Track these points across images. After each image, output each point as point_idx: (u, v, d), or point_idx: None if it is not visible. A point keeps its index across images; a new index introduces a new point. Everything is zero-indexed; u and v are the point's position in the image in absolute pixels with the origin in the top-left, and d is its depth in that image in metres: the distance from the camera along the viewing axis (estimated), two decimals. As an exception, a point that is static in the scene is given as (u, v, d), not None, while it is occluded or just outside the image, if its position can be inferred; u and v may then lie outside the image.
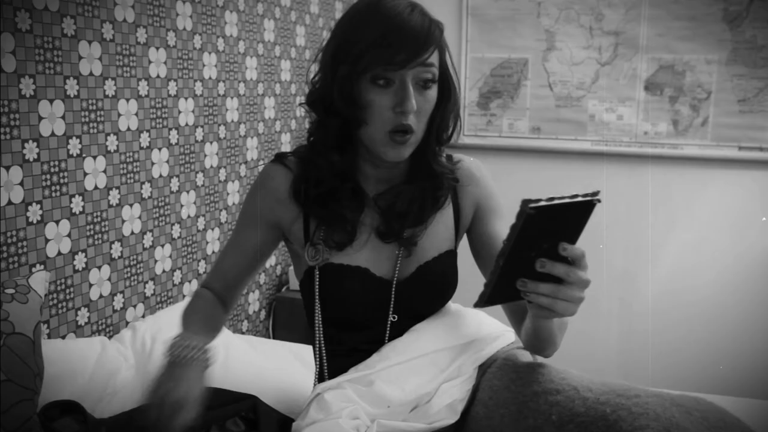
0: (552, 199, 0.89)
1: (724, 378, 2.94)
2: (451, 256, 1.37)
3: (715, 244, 2.98)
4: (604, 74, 3.06)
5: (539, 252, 0.94)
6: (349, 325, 1.33)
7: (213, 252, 2.33)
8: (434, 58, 1.21)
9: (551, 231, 0.93)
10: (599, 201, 0.93)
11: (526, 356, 1.36)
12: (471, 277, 1.42)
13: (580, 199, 0.92)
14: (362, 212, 1.31)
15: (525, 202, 0.88)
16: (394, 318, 1.32)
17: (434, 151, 1.31)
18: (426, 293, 1.35)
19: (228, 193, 2.40)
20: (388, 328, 1.33)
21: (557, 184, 3.17)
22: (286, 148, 2.78)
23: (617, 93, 3.05)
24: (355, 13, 1.25)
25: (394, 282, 1.31)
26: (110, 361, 1.68)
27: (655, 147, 3.03)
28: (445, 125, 1.29)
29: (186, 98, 2.13)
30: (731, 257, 2.96)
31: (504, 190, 3.40)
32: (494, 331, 1.40)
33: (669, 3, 2.94)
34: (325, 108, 1.26)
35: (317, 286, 1.31)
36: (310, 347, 1.45)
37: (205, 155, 2.25)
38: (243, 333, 2.54)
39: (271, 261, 2.73)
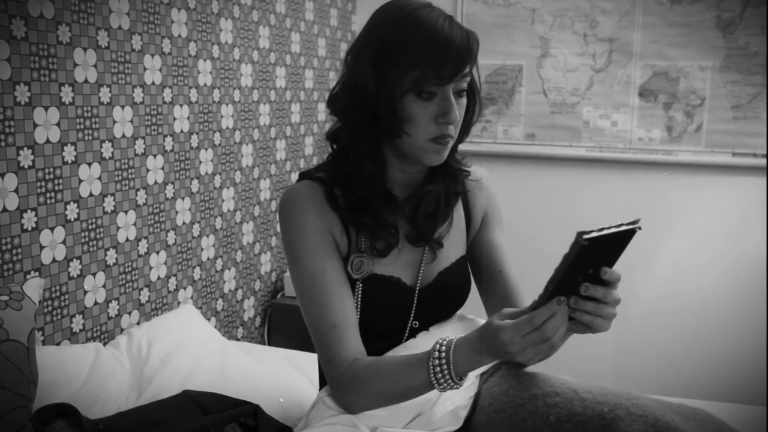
0: (602, 229, 0.97)
1: (720, 384, 2.94)
2: (464, 261, 1.42)
3: (709, 249, 2.99)
4: (599, 81, 3.07)
5: (584, 277, 1.04)
6: (372, 333, 1.31)
7: (208, 258, 2.33)
8: (471, 71, 1.26)
9: (596, 257, 1.02)
10: (640, 228, 1.04)
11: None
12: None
13: (625, 227, 1.01)
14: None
15: (579, 234, 0.96)
16: (415, 325, 1.35)
17: (455, 152, 1.36)
18: (445, 299, 1.39)
19: (223, 200, 2.40)
20: (406, 335, 1.35)
21: (552, 191, 3.18)
22: (282, 155, 2.78)
23: (611, 99, 3.06)
24: (392, 22, 1.23)
25: (417, 289, 1.34)
26: (105, 366, 1.68)
27: (649, 153, 3.04)
28: (469, 128, 1.34)
29: (181, 105, 2.13)
30: (726, 263, 2.97)
31: (499, 196, 3.40)
32: None
33: (663, 10, 2.95)
34: (362, 117, 1.24)
35: (360, 298, 1.30)
36: (306, 353, 1.46)
37: (200, 162, 2.25)
38: (238, 339, 2.54)
39: (266, 267, 2.73)
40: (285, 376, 1.81)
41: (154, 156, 2.03)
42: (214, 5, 2.28)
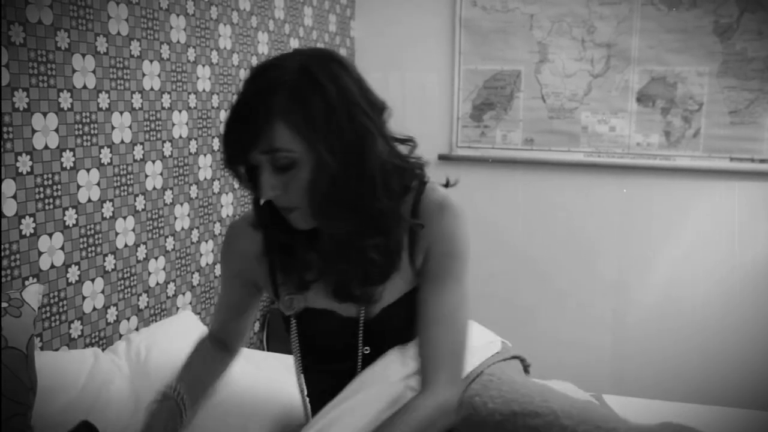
0: None
1: (718, 388, 2.94)
2: (412, 296, 1.29)
3: (707, 254, 2.99)
4: (597, 86, 3.07)
5: None
6: (324, 360, 1.36)
7: (207, 264, 2.33)
8: (281, 141, 1.11)
9: None
10: None
11: (513, 369, 1.36)
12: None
13: None
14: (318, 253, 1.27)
15: None
16: (366, 351, 1.31)
17: (372, 208, 1.19)
18: (394, 331, 1.31)
19: (222, 205, 2.40)
20: (359, 361, 1.32)
21: (550, 196, 3.18)
22: None
23: (610, 104, 3.07)
24: None
25: (361, 322, 1.29)
26: (104, 371, 1.67)
27: (647, 158, 3.04)
28: (316, 193, 1.15)
29: (180, 111, 2.13)
30: (724, 267, 2.97)
31: (497, 201, 3.40)
32: (475, 342, 1.36)
33: (660, 15, 2.96)
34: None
35: (296, 333, 1.34)
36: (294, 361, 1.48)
37: (199, 167, 2.26)
38: (237, 345, 2.53)
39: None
40: (284, 382, 1.80)
41: (153, 162, 2.03)
42: (213, 11, 2.29)
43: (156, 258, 2.08)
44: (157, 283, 2.09)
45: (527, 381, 1.30)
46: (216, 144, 2.33)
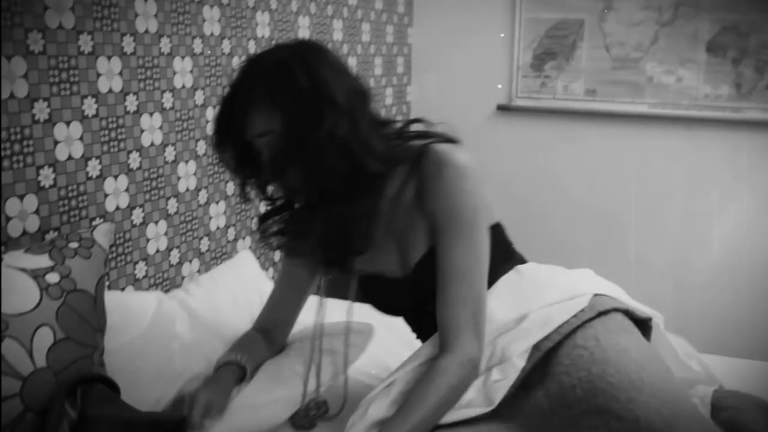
0: None
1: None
2: (432, 256, 1.32)
3: (775, 211, 2.90)
4: (664, 35, 2.97)
5: None
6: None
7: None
8: (262, 126, 1.27)
9: None
10: None
11: (611, 328, 1.25)
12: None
13: None
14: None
15: None
16: (430, 308, 1.35)
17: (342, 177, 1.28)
18: (429, 286, 1.33)
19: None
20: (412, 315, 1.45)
21: (612, 149, 3.11)
22: None
23: (677, 55, 2.96)
24: None
25: (403, 277, 1.39)
26: (165, 314, 1.70)
27: (715, 110, 2.94)
28: (294, 154, 1.27)
29: (214, 107, 2.08)
30: (792, 225, 2.88)
31: (557, 154, 3.34)
32: (555, 295, 1.32)
33: (735, -40, 2.83)
34: None
35: (359, 296, 1.50)
36: (361, 305, 1.50)
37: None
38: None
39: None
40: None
41: (213, 107, 2.04)
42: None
43: (217, 202, 2.11)
44: (218, 227, 2.13)
45: (622, 358, 1.18)
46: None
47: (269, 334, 1.54)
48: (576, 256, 3.14)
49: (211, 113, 2.04)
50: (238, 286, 1.91)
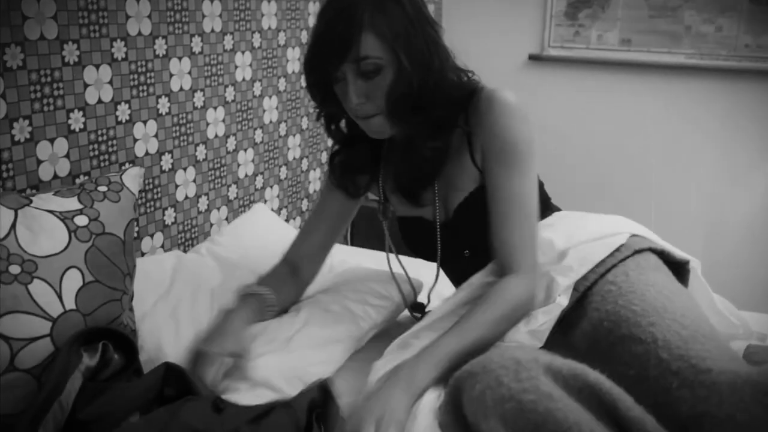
0: None
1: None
2: (479, 193, 1.35)
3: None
4: (704, -18, 2.86)
5: None
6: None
7: (294, 158, 2.34)
8: (370, 49, 1.24)
9: None
10: None
11: (643, 266, 1.26)
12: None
13: None
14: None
15: None
16: (466, 253, 1.41)
17: (422, 109, 1.30)
18: (465, 232, 1.39)
19: (309, 99, 2.38)
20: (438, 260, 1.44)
21: (646, 100, 3.04)
22: None
23: (718, 2, 2.85)
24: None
25: (438, 223, 1.41)
26: (189, 268, 1.68)
27: (756, 61, 2.84)
28: (394, 101, 1.27)
29: (243, 53, 2.06)
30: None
31: (589, 105, 3.26)
32: (594, 233, 1.33)
33: None
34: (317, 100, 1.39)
35: (394, 236, 1.51)
36: (386, 253, 1.50)
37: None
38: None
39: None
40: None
41: (243, 53, 2.01)
42: None
43: (245, 150, 2.09)
44: (246, 175, 2.11)
45: (650, 290, 1.20)
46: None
47: (297, 268, 1.52)
48: (607, 208, 3.09)
49: (240, 59, 2.01)
50: (263, 234, 1.88)
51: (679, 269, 1.38)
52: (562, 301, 1.25)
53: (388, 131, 1.32)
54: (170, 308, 1.49)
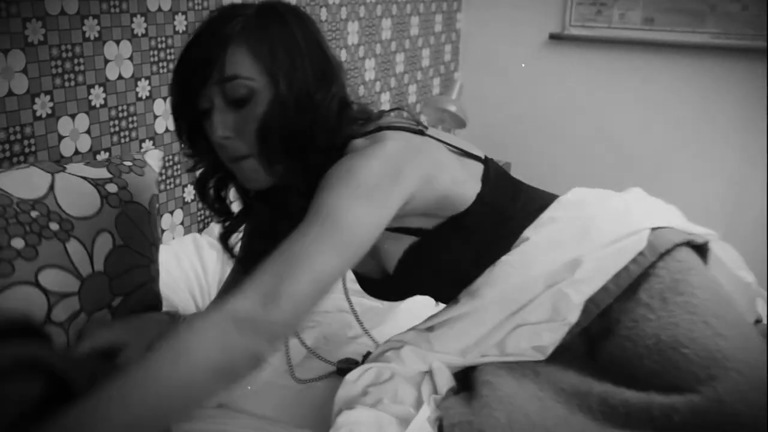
0: None
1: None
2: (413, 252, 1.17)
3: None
4: (731, -40, 2.81)
5: None
6: None
7: None
8: (239, 67, 1.02)
9: None
10: None
11: (677, 282, 1.09)
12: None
13: None
14: None
15: None
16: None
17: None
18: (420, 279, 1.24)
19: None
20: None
21: (671, 81, 3.00)
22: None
23: (744, -19, 2.80)
24: None
25: (385, 279, 1.24)
26: (204, 249, 1.70)
27: (782, 41, 2.79)
28: (290, 123, 1.04)
29: None
30: None
31: (613, 85, 3.21)
32: (613, 233, 1.16)
33: None
34: None
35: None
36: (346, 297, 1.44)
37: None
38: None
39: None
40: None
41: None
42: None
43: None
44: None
45: (695, 319, 1.04)
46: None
47: None
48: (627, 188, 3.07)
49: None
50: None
51: (699, 248, 1.22)
52: (571, 318, 1.10)
53: (263, 179, 1.08)
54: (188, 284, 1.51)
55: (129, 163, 1.39)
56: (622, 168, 3.10)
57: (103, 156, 1.55)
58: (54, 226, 1.18)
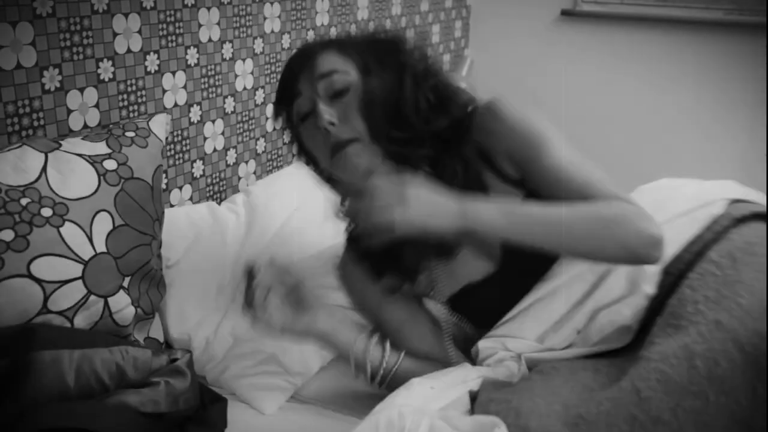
0: None
1: None
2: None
3: None
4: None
5: None
6: None
7: None
8: (333, 63, 1.17)
9: None
10: None
11: (750, 245, 1.05)
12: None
13: None
14: None
15: None
16: None
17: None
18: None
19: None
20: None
21: (684, 58, 2.96)
22: None
23: (760, -44, 2.76)
24: None
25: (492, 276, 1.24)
26: (220, 218, 1.68)
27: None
28: (375, 117, 1.15)
29: (272, 3, 2.05)
30: None
31: (626, 62, 3.17)
32: (685, 205, 1.15)
33: None
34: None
35: None
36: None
37: (316, 12, 2.20)
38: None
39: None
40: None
41: (272, 4, 1.99)
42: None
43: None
44: (275, 129, 2.10)
45: (761, 277, 0.98)
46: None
47: None
48: (643, 169, 3.04)
49: (268, 11, 1.99)
50: (296, 195, 1.85)
51: None
52: (648, 289, 1.09)
53: (367, 162, 1.14)
54: (199, 257, 1.51)
55: (131, 134, 1.36)
56: (633, 146, 3.08)
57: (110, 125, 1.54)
58: (46, 212, 1.15)
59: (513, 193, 1.17)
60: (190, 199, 1.82)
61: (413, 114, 1.16)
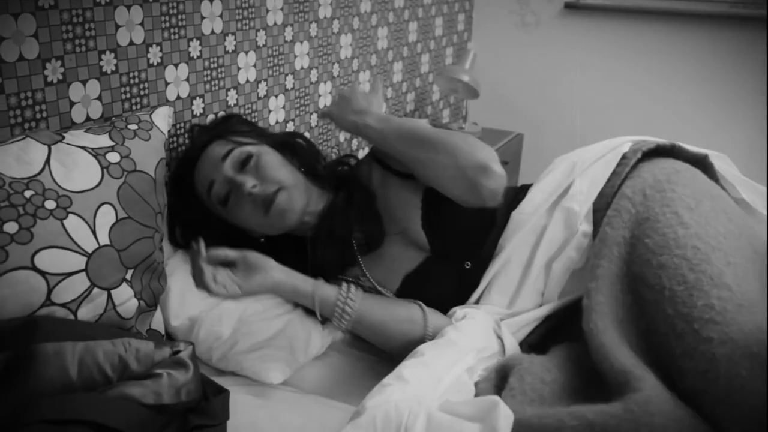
0: None
1: None
2: (430, 196, 1.44)
3: None
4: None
5: None
6: None
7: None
8: (226, 146, 1.44)
9: None
10: None
11: (659, 182, 1.22)
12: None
13: None
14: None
15: None
16: (467, 266, 1.42)
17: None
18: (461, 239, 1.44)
19: (341, 46, 2.35)
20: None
21: (688, 51, 2.95)
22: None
23: (765, -52, 2.75)
24: None
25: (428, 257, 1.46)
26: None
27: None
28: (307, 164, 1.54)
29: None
30: None
31: (629, 55, 3.17)
32: (598, 152, 1.37)
33: None
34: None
35: None
36: None
37: (320, 5, 2.20)
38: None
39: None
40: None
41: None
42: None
43: (276, 96, 2.07)
44: (277, 122, 2.10)
45: (665, 213, 1.15)
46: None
47: None
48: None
49: (271, 3, 1.98)
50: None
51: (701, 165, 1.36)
52: (585, 228, 1.25)
53: (297, 202, 1.41)
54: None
55: (134, 127, 1.36)
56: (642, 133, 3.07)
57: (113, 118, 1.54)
58: (50, 204, 1.16)
59: (411, 187, 1.45)
60: (193, 191, 1.82)
61: (310, 159, 1.56)
